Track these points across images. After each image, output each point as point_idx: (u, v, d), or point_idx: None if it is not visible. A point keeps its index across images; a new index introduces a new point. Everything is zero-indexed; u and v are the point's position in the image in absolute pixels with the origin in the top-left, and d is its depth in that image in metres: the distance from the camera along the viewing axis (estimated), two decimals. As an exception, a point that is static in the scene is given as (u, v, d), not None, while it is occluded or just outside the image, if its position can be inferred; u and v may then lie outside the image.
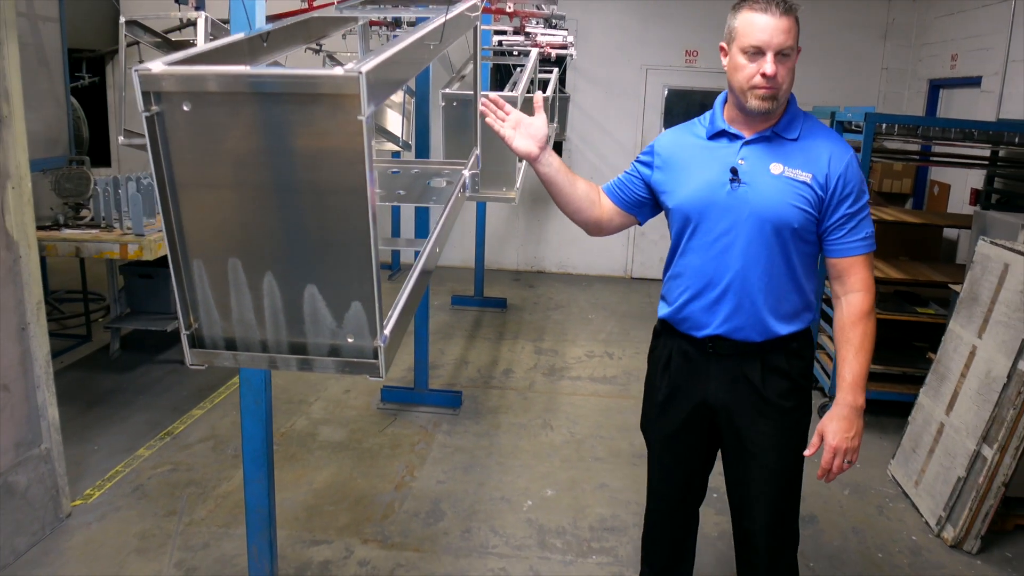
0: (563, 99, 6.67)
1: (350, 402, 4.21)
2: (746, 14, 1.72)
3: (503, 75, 6.46)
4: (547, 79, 4.91)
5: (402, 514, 3.12)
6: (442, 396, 4.22)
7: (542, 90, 4.39)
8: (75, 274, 5.38)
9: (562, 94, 6.70)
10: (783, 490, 1.95)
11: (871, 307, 1.82)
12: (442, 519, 3.10)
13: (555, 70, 5.02)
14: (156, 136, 1.06)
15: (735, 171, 1.80)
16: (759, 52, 1.71)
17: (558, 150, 6.91)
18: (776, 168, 1.79)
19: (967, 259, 3.63)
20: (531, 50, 4.26)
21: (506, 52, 4.86)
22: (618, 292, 7.03)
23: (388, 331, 1.18)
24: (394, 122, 5.49)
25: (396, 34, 3.63)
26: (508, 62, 4.95)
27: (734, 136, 1.84)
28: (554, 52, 4.67)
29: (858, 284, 1.82)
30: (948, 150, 4.91)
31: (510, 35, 4.63)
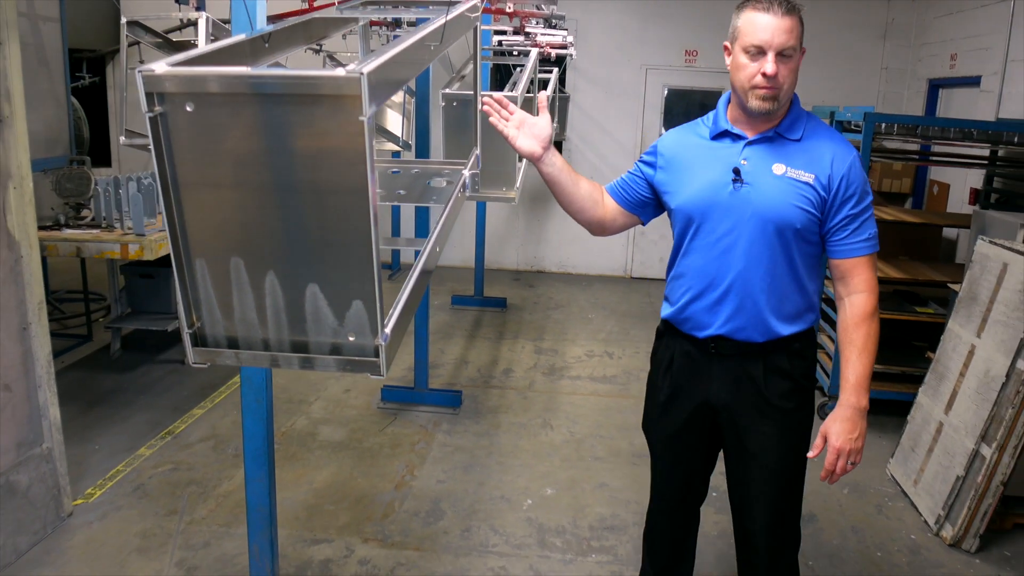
0: (563, 99, 6.68)
1: (350, 402, 4.22)
2: (749, 13, 1.72)
3: (503, 75, 6.46)
4: (547, 79, 4.92)
5: (402, 513, 3.13)
6: (442, 396, 4.22)
7: (542, 90, 4.39)
8: (76, 274, 5.39)
9: (562, 94, 6.71)
10: (784, 490, 1.95)
11: (875, 308, 1.81)
12: (442, 518, 3.11)
13: (555, 70, 5.03)
14: (159, 137, 1.07)
15: (738, 171, 1.79)
16: (760, 52, 1.70)
17: (558, 149, 6.91)
18: (779, 168, 1.79)
19: (966, 258, 3.63)
20: (531, 50, 4.27)
21: (506, 52, 4.86)
22: (618, 292, 7.04)
23: (389, 329, 1.19)
24: (394, 122, 5.50)
25: (396, 34, 3.64)
26: (508, 62, 4.95)
27: (737, 136, 1.84)
28: (554, 52, 4.68)
29: (862, 285, 1.81)
30: (947, 150, 4.91)
31: (510, 35, 4.63)
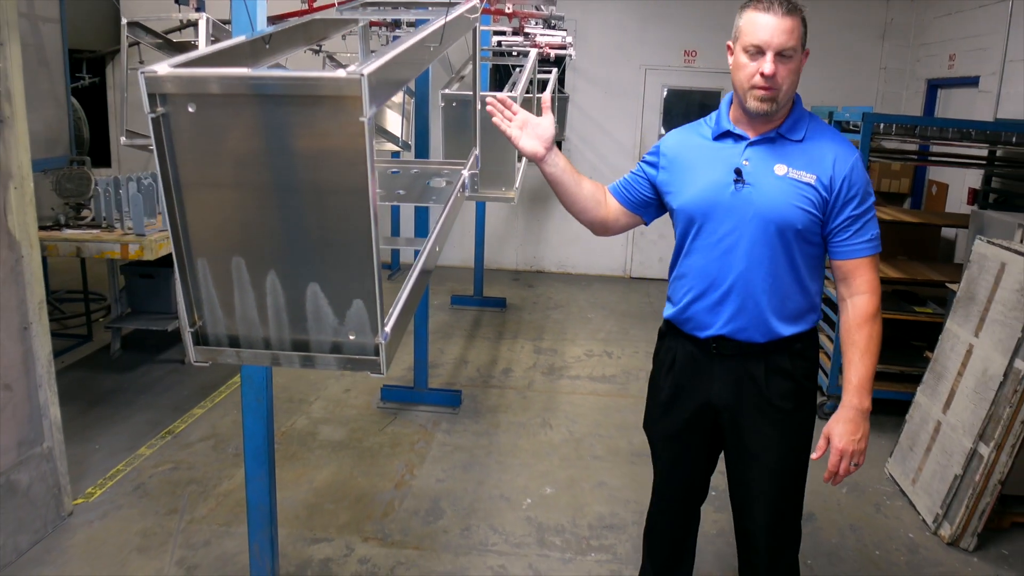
0: (562, 99, 6.69)
1: (350, 401, 4.23)
2: (750, 13, 1.72)
3: (502, 75, 6.48)
4: (546, 79, 4.93)
5: (402, 512, 3.14)
6: (442, 395, 4.23)
7: (541, 90, 4.41)
8: (76, 274, 5.40)
9: (561, 94, 6.73)
10: (784, 490, 1.95)
11: (877, 309, 1.81)
12: (442, 517, 3.12)
13: (554, 70, 5.04)
14: (161, 137, 1.08)
15: (739, 172, 1.79)
16: (759, 51, 1.70)
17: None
18: (780, 169, 1.78)
19: (964, 258, 3.65)
20: (530, 50, 4.28)
21: (505, 52, 4.87)
22: (617, 291, 7.05)
23: (389, 328, 1.20)
24: (394, 122, 5.52)
25: (396, 34, 3.65)
26: (507, 62, 4.96)
27: (739, 137, 1.83)
28: (553, 52, 4.69)
29: (864, 286, 1.81)
30: (946, 150, 4.92)
31: (509, 35, 4.64)
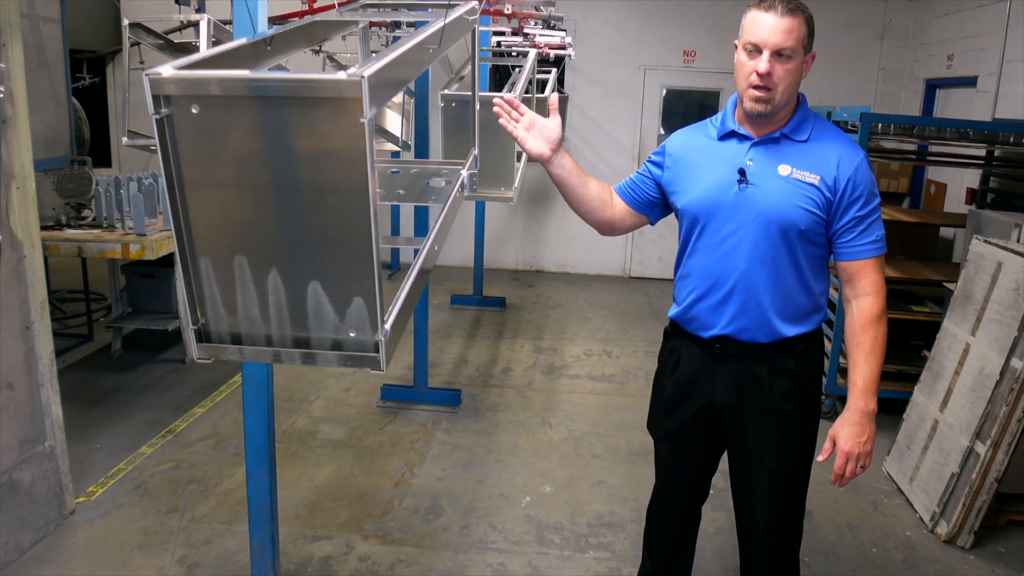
0: (561, 99, 6.69)
1: (350, 400, 4.24)
2: (752, 12, 1.73)
3: (502, 76, 6.50)
4: (545, 79, 4.95)
5: (402, 510, 3.16)
6: (441, 394, 4.25)
7: (540, 91, 4.42)
8: (77, 274, 5.42)
9: (560, 94, 6.74)
10: (785, 491, 1.95)
11: (882, 311, 1.80)
12: (441, 515, 3.13)
13: (553, 70, 5.06)
14: (165, 138, 1.10)
15: (743, 172, 1.79)
16: (757, 50, 1.70)
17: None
18: (784, 169, 1.78)
19: (962, 258, 3.66)
20: (529, 51, 4.29)
21: (504, 53, 4.89)
22: (617, 291, 7.06)
23: (389, 325, 1.22)
24: (394, 123, 5.53)
25: (396, 35, 3.66)
26: (507, 63, 4.98)
27: (743, 137, 1.83)
28: (552, 53, 4.70)
29: (869, 287, 1.80)
30: (944, 150, 4.94)
31: (508, 36, 4.66)
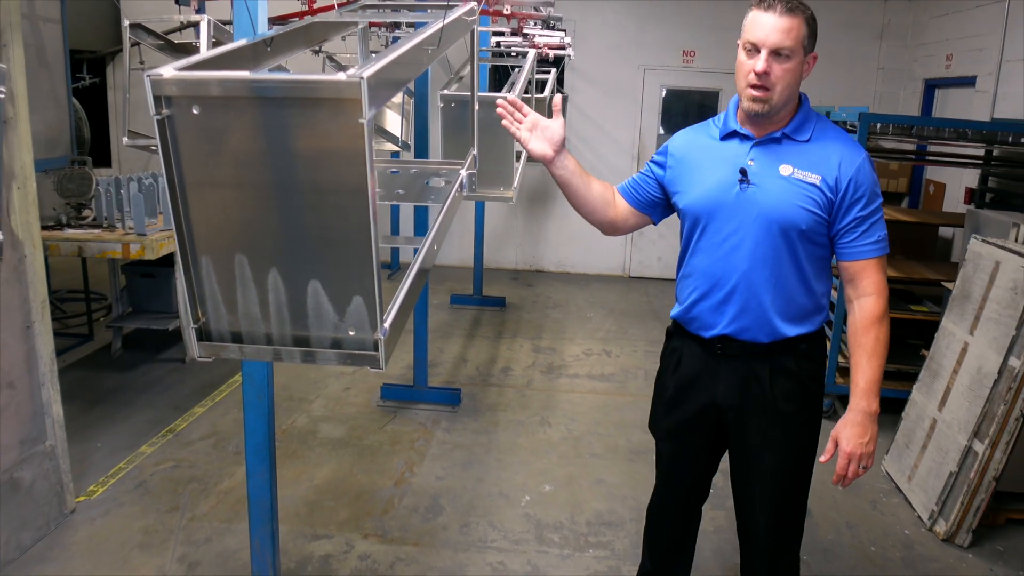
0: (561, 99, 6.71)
1: (350, 400, 4.25)
2: (753, 12, 1.73)
3: (501, 76, 6.51)
4: (545, 80, 4.96)
5: (402, 509, 3.17)
6: (441, 394, 4.25)
7: (539, 91, 4.43)
8: (77, 273, 5.42)
9: (560, 94, 6.75)
10: (786, 491, 1.95)
11: (884, 311, 1.80)
12: (441, 514, 3.14)
13: (553, 71, 5.07)
14: (167, 138, 1.11)
15: (744, 172, 1.79)
16: (755, 49, 1.71)
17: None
18: (785, 169, 1.78)
19: (960, 257, 3.67)
20: (529, 51, 4.30)
21: (504, 53, 4.90)
22: (616, 291, 7.07)
23: (388, 324, 1.23)
24: (393, 123, 5.54)
25: (396, 35, 3.67)
26: (506, 63, 4.99)
27: (745, 137, 1.83)
28: (552, 53, 4.71)
29: (871, 288, 1.80)
30: (943, 149, 4.95)
31: (508, 36, 4.66)
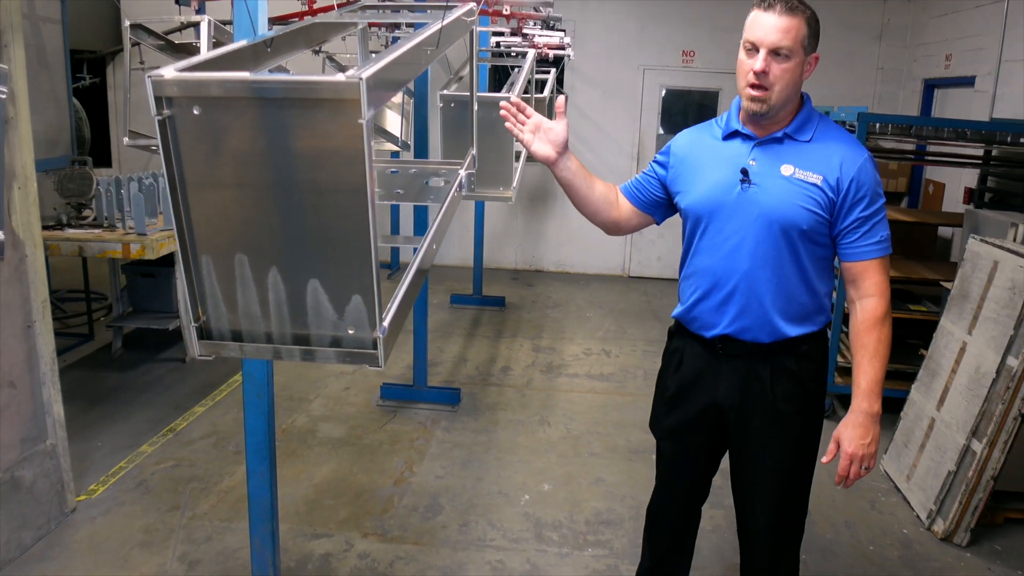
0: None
1: (350, 399, 4.26)
2: (754, 12, 1.74)
3: (501, 76, 6.52)
4: (544, 80, 4.97)
5: (401, 508, 3.17)
6: (441, 393, 4.26)
7: (539, 91, 4.44)
8: (77, 273, 5.43)
9: (560, 94, 6.76)
10: (786, 491, 1.95)
11: (886, 312, 1.79)
12: (440, 513, 3.15)
13: (552, 71, 5.08)
14: (167, 139, 1.11)
15: (746, 172, 1.80)
16: (755, 49, 1.71)
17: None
18: (787, 169, 1.78)
19: (959, 257, 3.68)
20: (528, 51, 4.31)
21: (503, 53, 4.90)
22: (616, 291, 7.08)
23: (387, 323, 1.23)
24: (393, 123, 5.55)
25: (395, 36, 3.68)
26: (506, 63, 4.99)
27: (747, 137, 1.84)
28: (551, 53, 4.72)
29: (873, 288, 1.79)
30: (942, 149, 4.96)
31: (507, 36, 4.67)
